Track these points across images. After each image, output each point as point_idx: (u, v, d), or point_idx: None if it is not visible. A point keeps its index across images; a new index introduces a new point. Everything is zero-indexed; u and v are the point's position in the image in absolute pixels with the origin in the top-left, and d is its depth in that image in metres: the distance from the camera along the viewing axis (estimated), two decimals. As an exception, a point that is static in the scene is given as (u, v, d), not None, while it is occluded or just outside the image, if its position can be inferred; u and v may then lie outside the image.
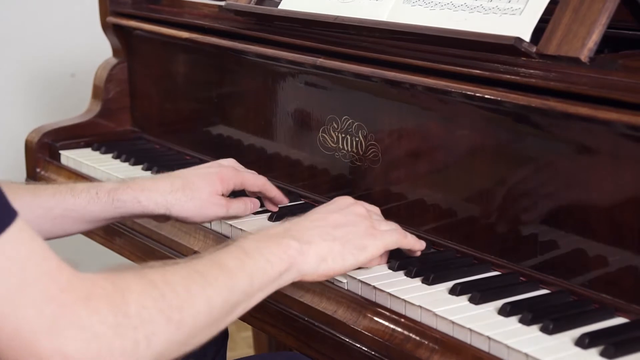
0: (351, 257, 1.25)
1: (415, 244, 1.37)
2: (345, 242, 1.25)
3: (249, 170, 1.58)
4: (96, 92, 2.17)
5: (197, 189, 1.47)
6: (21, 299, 0.89)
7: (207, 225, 1.61)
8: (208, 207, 1.47)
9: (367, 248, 1.27)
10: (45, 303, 0.90)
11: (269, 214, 1.60)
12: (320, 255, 1.21)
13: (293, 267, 1.18)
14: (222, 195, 1.50)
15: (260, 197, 1.60)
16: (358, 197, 1.57)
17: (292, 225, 1.24)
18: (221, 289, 1.06)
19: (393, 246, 1.33)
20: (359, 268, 1.32)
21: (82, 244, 2.18)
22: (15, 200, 0.93)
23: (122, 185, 1.46)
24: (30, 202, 1.41)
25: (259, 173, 1.78)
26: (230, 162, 1.58)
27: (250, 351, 2.66)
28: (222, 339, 1.68)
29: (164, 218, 1.50)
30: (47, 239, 1.39)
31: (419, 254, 1.38)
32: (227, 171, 1.51)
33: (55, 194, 1.44)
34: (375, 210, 1.38)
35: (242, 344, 2.90)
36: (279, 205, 1.61)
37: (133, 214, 1.46)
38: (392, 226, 1.35)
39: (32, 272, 0.90)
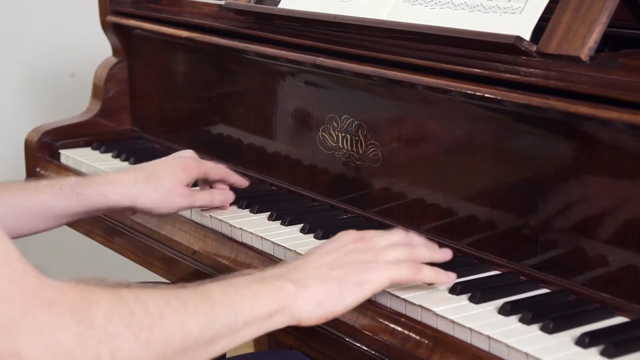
0: (349, 297, 1.18)
1: (437, 277, 1.26)
2: (342, 282, 1.18)
3: (207, 161, 1.61)
4: (96, 92, 2.17)
5: (160, 180, 1.49)
6: None
7: (207, 224, 1.61)
8: (172, 198, 1.50)
9: (367, 283, 1.20)
10: (5, 304, 0.87)
11: (269, 213, 1.60)
12: (316, 299, 1.15)
13: (286, 310, 1.12)
14: (186, 185, 1.53)
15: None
16: (358, 197, 1.58)
17: (291, 269, 1.19)
18: (199, 316, 1.02)
19: (401, 280, 1.24)
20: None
21: (82, 243, 2.18)
22: None
23: (86, 180, 1.48)
24: None
25: (259, 172, 1.79)
26: (189, 152, 1.61)
27: (249, 349, 2.66)
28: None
29: (129, 211, 1.51)
30: (15, 237, 1.38)
31: (444, 257, 1.30)
32: (189, 162, 1.54)
33: (19, 191, 1.44)
34: (378, 236, 1.28)
35: (242, 343, 2.89)
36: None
37: (98, 207, 1.48)
38: (399, 253, 1.25)
39: None
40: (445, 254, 1.30)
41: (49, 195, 1.44)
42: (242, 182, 1.65)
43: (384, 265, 1.22)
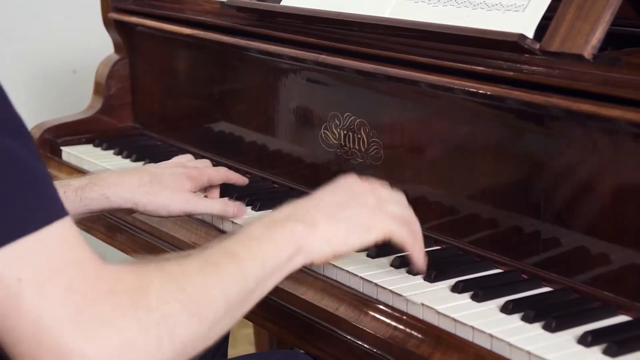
0: (356, 238, 1.20)
1: (419, 254, 1.27)
2: (350, 223, 1.20)
3: (206, 162, 1.61)
4: (98, 89, 2.17)
5: (164, 184, 1.49)
6: (47, 285, 0.88)
7: (209, 221, 1.61)
8: (176, 203, 1.50)
9: (372, 229, 1.21)
10: (70, 294, 0.89)
11: (270, 210, 1.58)
12: (325, 238, 1.17)
13: (300, 249, 1.15)
14: (192, 191, 1.52)
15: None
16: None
17: (297, 208, 1.20)
18: (234, 277, 1.05)
19: (397, 238, 1.24)
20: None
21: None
22: None
23: (89, 183, 1.48)
24: None
25: (261, 170, 1.79)
26: (188, 157, 1.62)
27: (251, 348, 2.66)
28: (223, 336, 1.68)
29: (131, 211, 1.53)
30: None
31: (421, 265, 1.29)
32: (193, 172, 1.54)
33: None
34: (379, 186, 1.29)
35: (243, 341, 2.90)
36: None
37: (101, 209, 1.49)
38: (401, 210, 1.26)
39: (60, 259, 0.89)
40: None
41: None
42: (242, 180, 1.64)
43: (388, 216, 1.23)
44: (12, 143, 0.89)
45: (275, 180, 1.76)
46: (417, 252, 1.26)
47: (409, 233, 1.24)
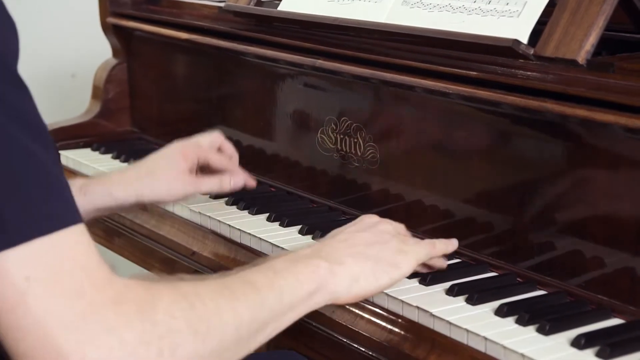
0: (385, 276, 1.21)
1: (446, 247, 1.34)
2: (378, 261, 1.21)
3: (220, 150, 1.59)
4: (96, 93, 2.17)
5: (161, 170, 1.51)
6: (56, 287, 0.88)
7: (206, 225, 1.62)
8: (177, 186, 1.51)
9: (400, 265, 1.23)
10: (76, 297, 0.89)
11: (268, 214, 1.60)
12: (352, 275, 1.17)
13: (323, 287, 1.14)
14: (189, 170, 1.53)
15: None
16: (356, 198, 1.58)
17: (322, 246, 1.21)
18: (250, 304, 1.04)
19: (425, 259, 1.29)
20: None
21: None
22: None
23: (92, 181, 1.51)
24: None
25: (258, 174, 1.79)
26: (214, 135, 1.61)
27: (248, 351, 2.66)
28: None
29: (139, 206, 1.55)
30: None
31: (444, 264, 1.34)
32: (188, 147, 1.55)
33: None
34: (401, 226, 1.33)
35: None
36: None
37: (106, 206, 1.50)
38: (421, 244, 1.32)
39: (70, 262, 0.90)
40: (454, 243, 1.36)
41: None
42: (251, 182, 1.60)
43: (411, 249, 1.27)
44: (36, 148, 0.90)
45: (272, 184, 1.77)
46: (442, 248, 1.33)
47: (429, 247, 1.30)
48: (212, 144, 1.59)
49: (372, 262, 1.20)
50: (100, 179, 1.52)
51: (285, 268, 1.12)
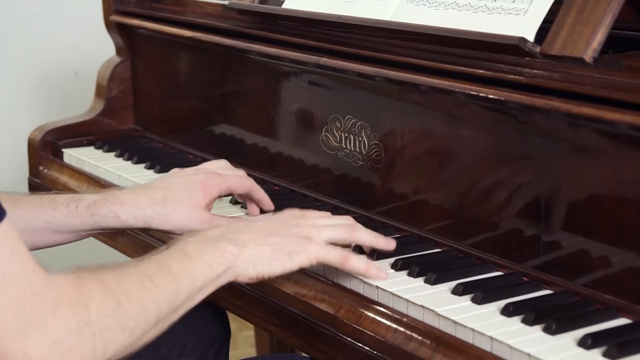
0: (278, 264, 1.26)
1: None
2: (275, 249, 1.26)
3: (238, 171, 1.55)
4: (99, 91, 2.17)
5: (177, 202, 1.43)
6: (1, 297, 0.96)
7: (210, 224, 1.61)
8: (189, 222, 1.43)
9: (296, 256, 1.27)
10: (18, 305, 0.97)
11: (272, 213, 1.59)
12: (251, 259, 1.24)
13: (230, 269, 1.22)
14: (207, 206, 1.46)
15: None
16: (360, 197, 1.58)
17: (229, 229, 1.27)
18: (168, 294, 1.13)
19: (328, 262, 1.30)
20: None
21: (85, 242, 2.18)
22: None
23: (102, 200, 1.44)
24: (11, 214, 1.41)
25: (262, 172, 1.79)
26: (222, 164, 1.56)
27: (252, 350, 2.66)
28: (224, 338, 1.68)
29: (145, 229, 1.52)
30: (33, 249, 1.39)
31: (387, 246, 1.36)
32: (211, 180, 1.47)
33: (36, 206, 1.44)
34: (320, 216, 1.35)
35: (244, 343, 2.90)
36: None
37: (113, 227, 1.45)
38: (335, 233, 1.32)
39: (11, 272, 0.97)
40: (389, 244, 1.36)
41: (65, 214, 1.44)
42: (269, 203, 1.56)
43: (316, 244, 1.29)
44: None
45: (276, 183, 1.77)
46: (357, 266, 1.31)
47: (338, 256, 1.30)
48: (241, 190, 1.53)
49: (270, 249, 1.26)
50: (110, 199, 1.44)
51: (197, 252, 1.20)
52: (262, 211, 1.57)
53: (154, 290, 1.11)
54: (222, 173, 1.51)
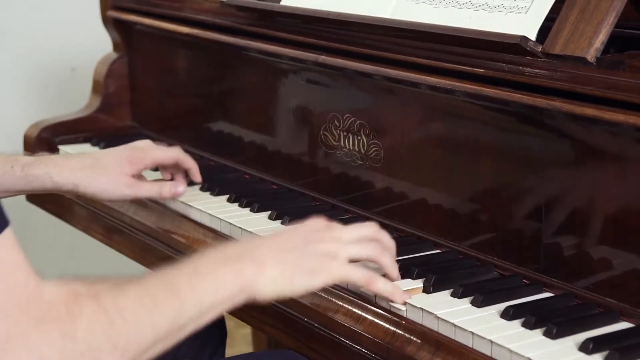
0: (300, 283, 1.19)
1: (392, 294, 1.26)
2: (297, 267, 1.19)
3: (160, 146, 1.66)
4: (96, 87, 2.16)
5: (105, 168, 1.56)
6: None
7: (207, 223, 1.60)
8: (115, 187, 1.56)
9: (319, 275, 1.20)
10: (2, 318, 0.92)
11: (269, 212, 1.58)
12: (271, 278, 1.17)
13: (246, 288, 1.16)
14: (132, 175, 1.58)
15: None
16: (359, 196, 1.57)
17: (249, 247, 1.21)
18: (169, 312, 1.06)
19: (353, 283, 1.27)
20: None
21: (81, 241, 2.17)
22: None
23: (37, 161, 1.56)
24: None
25: (260, 171, 1.78)
26: (147, 142, 1.65)
27: (248, 348, 2.66)
28: (221, 336, 1.68)
29: (74, 194, 1.61)
30: None
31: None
32: (136, 153, 1.59)
33: None
34: (346, 231, 1.27)
35: (241, 340, 2.89)
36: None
37: (44, 187, 1.56)
38: (362, 251, 1.26)
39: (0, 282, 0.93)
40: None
41: (0, 174, 1.52)
42: (196, 173, 1.67)
43: (342, 261, 1.22)
44: None
45: (274, 181, 1.76)
46: (383, 290, 1.25)
47: (364, 278, 1.23)
48: (167, 159, 1.64)
49: (292, 267, 1.19)
50: (44, 161, 1.56)
51: (210, 272, 1.13)
52: (191, 182, 1.68)
53: (153, 309, 1.05)
54: (147, 149, 1.62)
